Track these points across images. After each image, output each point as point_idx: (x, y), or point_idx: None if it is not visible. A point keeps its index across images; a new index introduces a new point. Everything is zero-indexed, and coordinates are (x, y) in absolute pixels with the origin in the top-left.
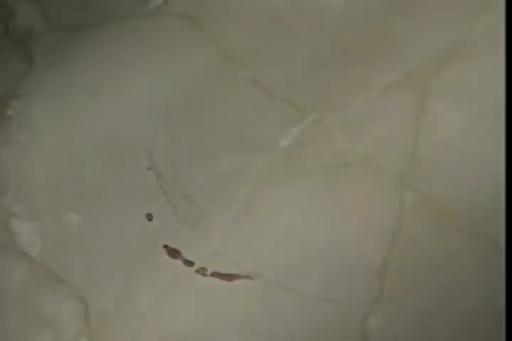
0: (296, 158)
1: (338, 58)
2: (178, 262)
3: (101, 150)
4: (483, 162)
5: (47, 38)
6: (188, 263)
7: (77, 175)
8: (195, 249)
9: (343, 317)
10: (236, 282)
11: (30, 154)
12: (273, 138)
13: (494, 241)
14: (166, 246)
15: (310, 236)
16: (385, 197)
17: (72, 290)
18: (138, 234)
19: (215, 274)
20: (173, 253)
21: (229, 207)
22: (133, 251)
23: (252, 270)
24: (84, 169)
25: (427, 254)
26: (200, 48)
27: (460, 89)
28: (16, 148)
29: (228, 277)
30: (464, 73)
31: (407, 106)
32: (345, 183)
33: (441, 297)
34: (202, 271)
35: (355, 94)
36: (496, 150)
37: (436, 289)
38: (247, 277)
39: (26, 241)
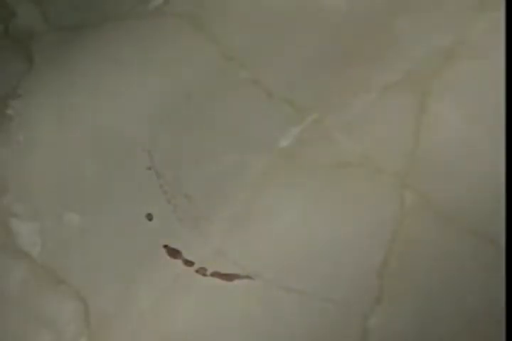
0: (296, 158)
1: (338, 58)
2: (178, 262)
3: (101, 150)
4: (483, 162)
5: (47, 37)
6: (188, 263)
7: (77, 175)
8: (195, 249)
9: (343, 317)
10: (236, 282)
11: (30, 154)
12: (273, 138)
13: (494, 241)
14: (166, 246)
15: (310, 236)
16: (385, 197)
17: (72, 290)
18: (138, 234)
19: (215, 274)
20: (173, 253)
21: (229, 207)
22: (133, 251)
23: (252, 270)
24: (84, 169)
25: (426, 254)
26: (200, 48)
27: (460, 89)
28: (16, 148)
29: (228, 277)
30: (464, 73)
31: (407, 106)
32: (345, 183)
33: (441, 297)
34: (202, 271)
35: (355, 94)
36: (495, 150)
37: (436, 289)
38: (247, 277)
39: (26, 241)
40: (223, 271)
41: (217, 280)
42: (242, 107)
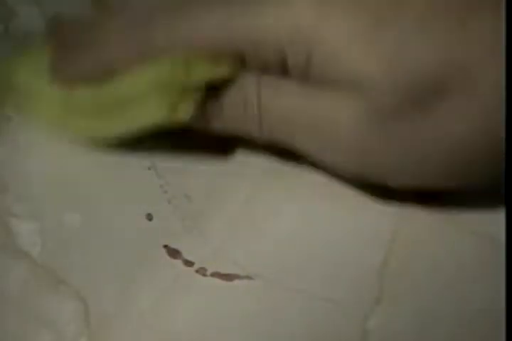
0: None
1: None
2: (178, 262)
3: (101, 150)
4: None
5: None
6: (188, 263)
7: (77, 175)
8: (195, 249)
9: (343, 317)
10: (236, 282)
11: (30, 154)
12: None
13: (494, 240)
14: (166, 246)
15: (310, 236)
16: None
17: (72, 290)
18: (138, 234)
19: (215, 274)
20: (173, 253)
21: (229, 206)
22: (133, 251)
23: (252, 270)
24: (84, 169)
25: (426, 254)
26: None
27: None
28: (15, 148)
29: (228, 277)
30: None
31: None
32: (345, 183)
33: (441, 297)
34: (202, 271)
35: None
36: None
37: (436, 289)
38: (247, 277)
39: (26, 241)
40: (223, 271)
41: (217, 280)
42: None
